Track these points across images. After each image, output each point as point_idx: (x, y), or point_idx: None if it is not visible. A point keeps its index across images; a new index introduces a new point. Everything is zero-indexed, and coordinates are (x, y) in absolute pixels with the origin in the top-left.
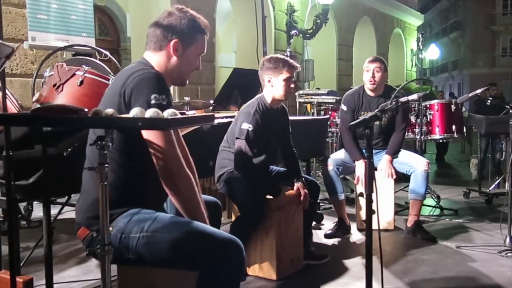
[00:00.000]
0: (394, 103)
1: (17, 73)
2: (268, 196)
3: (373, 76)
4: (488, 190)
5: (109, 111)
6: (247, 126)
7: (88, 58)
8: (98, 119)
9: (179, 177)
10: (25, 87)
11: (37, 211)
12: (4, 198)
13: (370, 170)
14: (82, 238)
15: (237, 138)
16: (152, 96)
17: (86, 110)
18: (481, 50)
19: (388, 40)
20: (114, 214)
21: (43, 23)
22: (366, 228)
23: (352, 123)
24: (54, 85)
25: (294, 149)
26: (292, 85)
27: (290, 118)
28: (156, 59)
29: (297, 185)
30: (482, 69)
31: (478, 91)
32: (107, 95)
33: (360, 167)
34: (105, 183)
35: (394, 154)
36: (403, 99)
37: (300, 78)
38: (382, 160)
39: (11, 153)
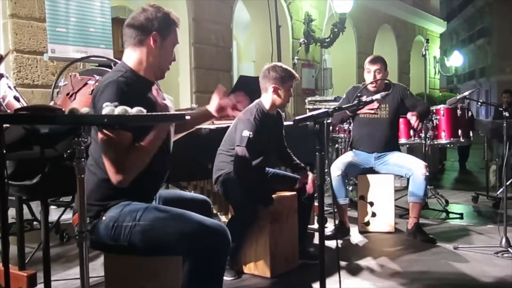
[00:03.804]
0: (356, 102)
1: (39, 84)
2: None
3: (375, 78)
4: (496, 194)
5: (85, 110)
6: (247, 133)
7: (105, 68)
8: (68, 116)
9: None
10: (46, 98)
11: (54, 214)
12: (13, 198)
13: (321, 162)
14: (76, 224)
15: (238, 145)
16: (104, 105)
17: (64, 110)
18: (508, 56)
19: (409, 47)
20: (108, 206)
21: (62, 35)
22: (318, 222)
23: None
24: (68, 94)
25: (287, 149)
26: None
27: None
28: (136, 55)
29: (304, 174)
30: (509, 76)
31: (466, 93)
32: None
33: None
34: (82, 176)
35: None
36: (366, 99)
37: (318, 86)
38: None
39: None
